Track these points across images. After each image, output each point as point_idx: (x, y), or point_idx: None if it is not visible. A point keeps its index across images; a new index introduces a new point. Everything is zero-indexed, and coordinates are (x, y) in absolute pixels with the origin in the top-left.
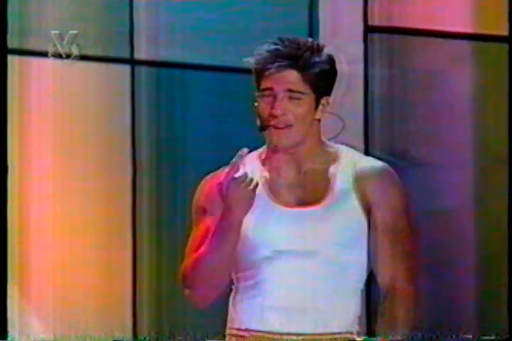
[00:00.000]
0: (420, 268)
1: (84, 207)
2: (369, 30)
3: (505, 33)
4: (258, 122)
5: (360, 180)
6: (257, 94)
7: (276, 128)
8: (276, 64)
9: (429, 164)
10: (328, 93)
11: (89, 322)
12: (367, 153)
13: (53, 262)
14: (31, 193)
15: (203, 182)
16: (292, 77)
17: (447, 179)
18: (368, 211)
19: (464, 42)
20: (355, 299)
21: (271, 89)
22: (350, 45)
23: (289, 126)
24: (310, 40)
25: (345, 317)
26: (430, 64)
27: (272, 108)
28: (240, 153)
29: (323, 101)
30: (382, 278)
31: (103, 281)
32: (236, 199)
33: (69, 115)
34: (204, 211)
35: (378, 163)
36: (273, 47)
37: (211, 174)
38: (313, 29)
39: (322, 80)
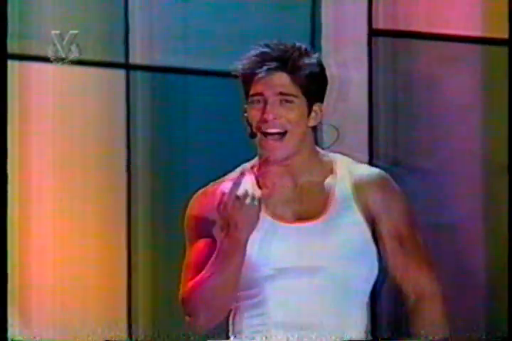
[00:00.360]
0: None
1: (81, 210)
2: (373, 33)
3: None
4: (248, 129)
5: (359, 190)
6: (246, 104)
7: (268, 134)
8: (264, 67)
9: (433, 173)
10: (321, 100)
11: (85, 323)
12: (371, 158)
13: (53, 265)
14: (31, 196)
15: (194, 197)
16: (282, 79)
17: (453, 188)
18: (372, 221)
19: (469, 46)
20: (360, 314)
21: (261, 94)
22: (353, 49)
23: (282, 132)
24: (297, 44)
25: (352, 334)
26: (435, 68)
27: (264, 113)
28: (241, 170)
29: (315, 107)
30: (409, 285)
31: (99, 282)
32: (241, 219)
33: (66, 120)
34: (198, 231)
35: (375, 171)
36: (260, 50)
37: (201, 190)
38: (315, 32)
39: (313, 83)
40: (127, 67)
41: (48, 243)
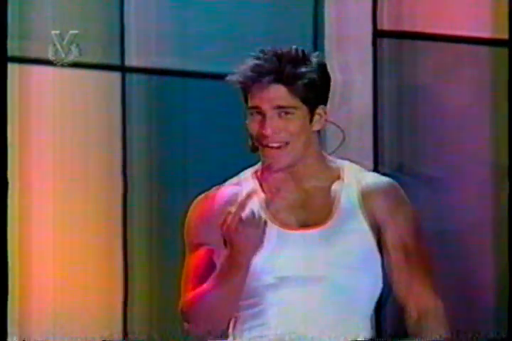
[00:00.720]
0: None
1: (79, 212)
2: (378, 34)
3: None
4: (249, 142)
5: (365, 198)
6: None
7: (269, 147)
8: (258, 81)
9: (440, 179)
10: (324, 102)
11: (81, 324)
12: (376, 164)
13: (52, 266)
14: (31, 197)
15: (194, 202)
16: (279, 92)
17: (460, 194)
18: (378, 231)
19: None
20: (365, 326)
21: (258, 107)
22: (357, 50)
23: (284, 144)
24: (294, 48)
25: None
26: (441, 69)
27: (262, 128)
28: (249, 193)
29: (318, 111)
30: (411, 302)
31: (96, 283)
32: (244, 243)
33: (65, 123)
34: (199, 237)
35: (383, 179)
36: (254, 62)
37: (203, 194)
38: (318, 33)
39: (312, 91)
40: (123, 69)
41: (48, 246)
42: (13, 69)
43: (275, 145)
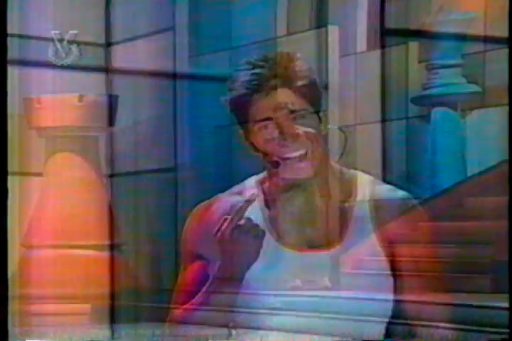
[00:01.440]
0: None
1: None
2: (386, 33)
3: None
4: (267, 159)
5: (379, 214)
6: (242, 130)
7: (292, 159)
8: (262, 89)
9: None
10: (321, 105)
11: (69, 323)
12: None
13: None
14: (30, 201)
15: (193, 212)
16: (287, 96)
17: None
18: (391, 248)
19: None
20: None
21: (269, 118)
22: (365, 50)
23: (304, 152)
24: (280, 52)
25: None
26: None
27: (281, 139)
28: (249, 198)
29: (321, 114)
30: (418, 326)
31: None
32: (240, 249)
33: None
34: (195, 250)
35: (397, 193)
36: (249, 72)
37: (202, 203)
38: (320, 33)
39: (315, 91)
40: (108, 71)
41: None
42: (12, 71)
43: (297, 154)
